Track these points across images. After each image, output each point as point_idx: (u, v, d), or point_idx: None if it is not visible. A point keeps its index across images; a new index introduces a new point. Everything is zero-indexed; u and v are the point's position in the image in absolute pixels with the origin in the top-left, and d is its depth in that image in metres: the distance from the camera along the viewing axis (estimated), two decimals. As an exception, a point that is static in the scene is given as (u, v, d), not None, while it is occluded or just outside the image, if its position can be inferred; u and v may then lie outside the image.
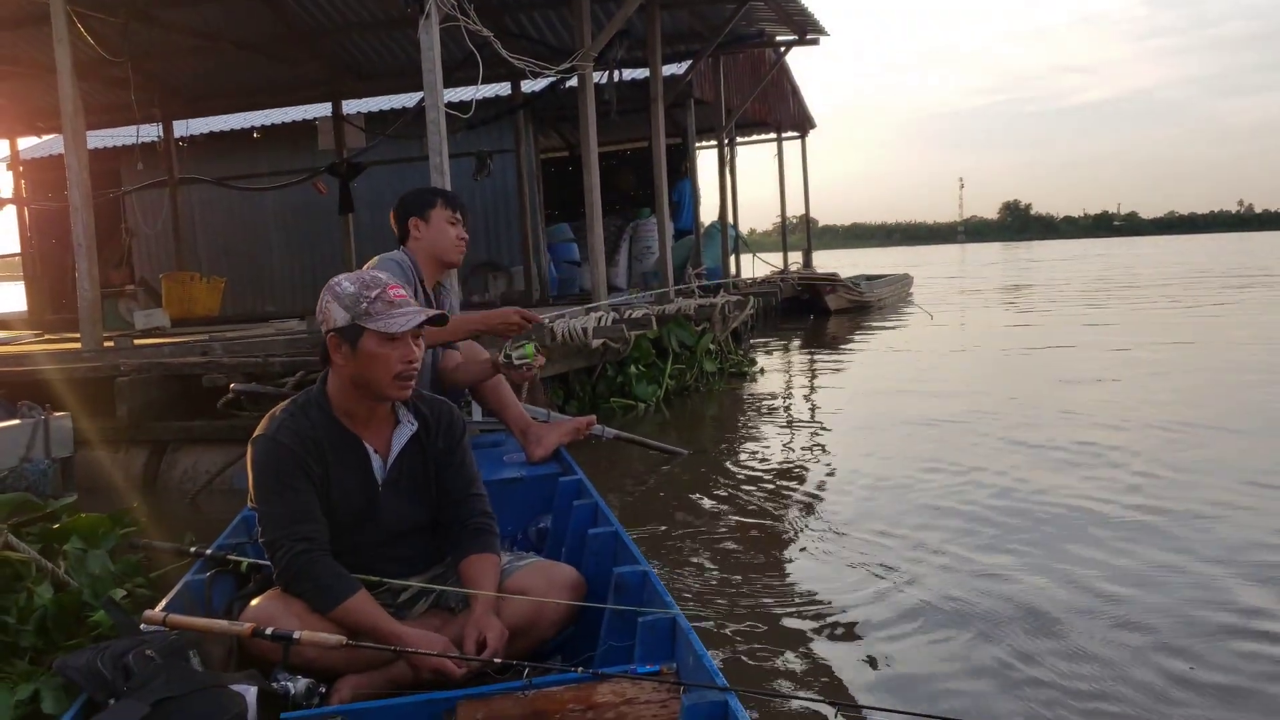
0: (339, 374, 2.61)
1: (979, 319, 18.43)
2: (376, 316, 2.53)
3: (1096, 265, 41.16)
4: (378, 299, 2.54)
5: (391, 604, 2.68)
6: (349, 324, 2.53)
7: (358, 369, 2.55)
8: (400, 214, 3.91)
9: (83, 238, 7.05)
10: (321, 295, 2.62)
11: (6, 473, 4.09)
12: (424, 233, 3.86)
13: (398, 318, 2.54)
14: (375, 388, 2.58)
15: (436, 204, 3.88)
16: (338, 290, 2.58)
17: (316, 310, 2.64)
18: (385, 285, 2.58)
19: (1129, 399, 8.27)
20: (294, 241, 15.55)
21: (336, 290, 2.58)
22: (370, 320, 2.52)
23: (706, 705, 1.84)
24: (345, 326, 2.54)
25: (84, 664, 2.14)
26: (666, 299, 10.29)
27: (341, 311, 2.55)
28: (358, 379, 2.57)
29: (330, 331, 2.57)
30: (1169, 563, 4.18)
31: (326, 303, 2.59)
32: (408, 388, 2.62)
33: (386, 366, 2.55)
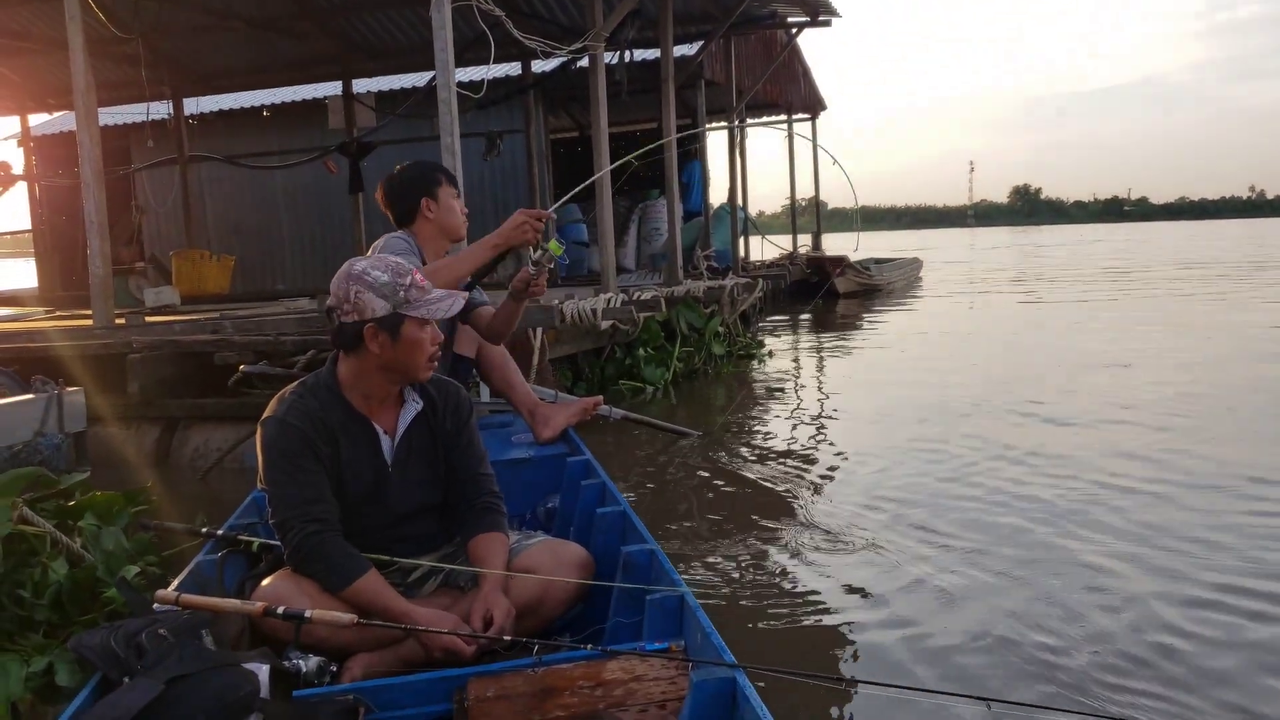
0: (366, 361, 2.59)
1: (987, 303, 18.39)
2: (416, 303, 2.54)
3: (1104, 249, 41.00)
4: (412, 285, 2.56)
5: (401, 583, 2.70)
6: (390, 313, 2.52)
7: (395, 355, 2.56)
8: (403, 194, 3.83)
9: (94, 215, 7.07)
10: (345, 285, 2.56)
11: (20, 447, 4.12)
12: (436, 212, 3.83)
13: (436, 303, 2.57)
14: (410, 371, 2.61)
15: (443, 182, 3.85)
16: (370, 280, 2.54)
17: (339, 299, 2.57)
18: (410, 270, 2.60)
19: (1140, 381, 8.27)
20: (303, 220, 15.57)
21: (369, 280, 2.54)
22: (411, 308, 2.53)
23: (715, 681, 1.86)
24: (386, 316, 2.52)
25: (98, 643, 2.16)
26: (675, 281, 10.29)
27: (381, 301, 2.52)
28: (392, 364, 2.58)
29: (368, 322, 2.54)
30: (1171, 536, 4.21)
31: (358, 293, 2.54)
32: (434, 367, 2.66)
33: (422, 350, 2.58)
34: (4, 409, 4.19)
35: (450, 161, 6.11)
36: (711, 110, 15.10)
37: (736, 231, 15.03)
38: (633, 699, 2.04)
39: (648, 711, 1.99)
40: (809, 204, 23.76)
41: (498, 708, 2.05)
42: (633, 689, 2.08)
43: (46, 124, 16.70)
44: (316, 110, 14.06)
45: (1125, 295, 18.26)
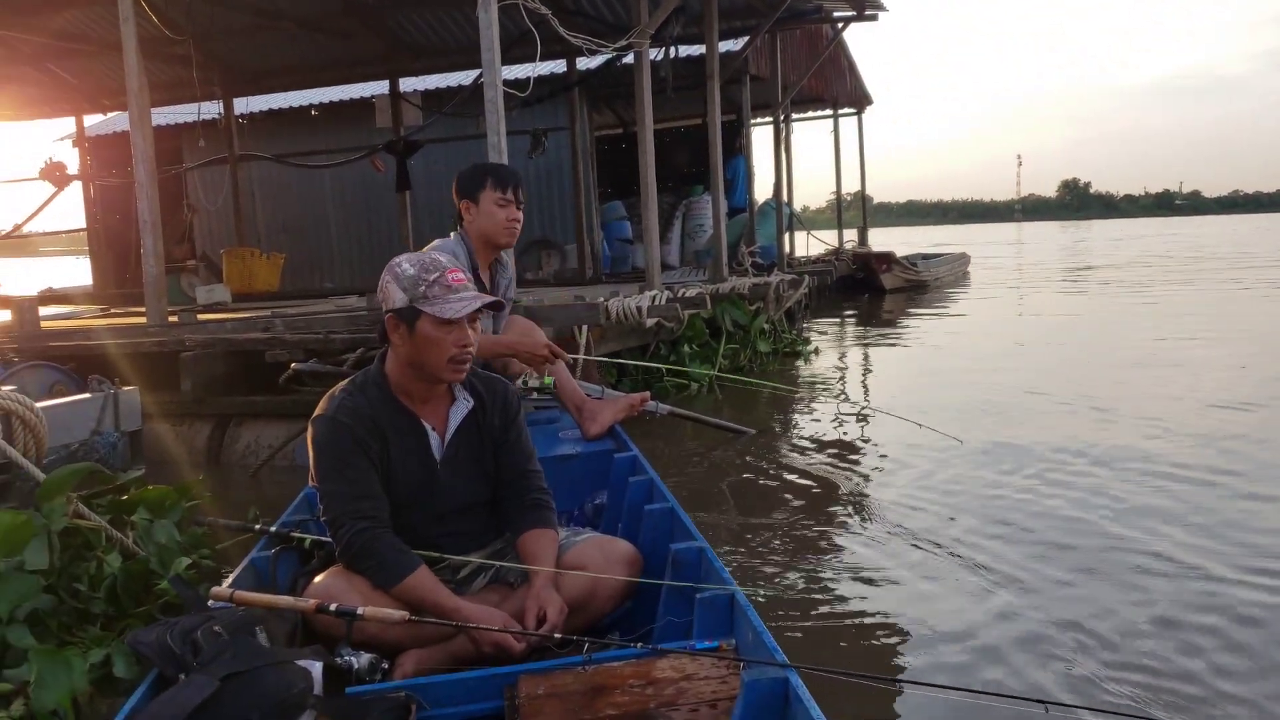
0: (396, 354, 2.63)
1: (1035, 298, 18.15)
2: (433, 300, 2.54)
3: (1158, 245, 40.31)
4: (436, 282, 2.56)
5: (451, 580, 2.70)
6: (406, 306, 2.55)
7: (414, 350, 2.58)
8: (456, 195, 3.89)
9: (148, 214, 7.17)
10: (383, 274, 2.64)
11: (77, 445, 4.19)
12: (474, 215, 3.83)
13: (453, 303, 2.55)
14: (430, 370, 2.61)
15: (486, 185, 3.81)
16: (397, 271, 2.60)
17: (378, 289, 2.66)
18: (445, 269, 2.59)
19: (1191, 381, 8.12)
20: (351, 218, 15.71)
21: (396, 271, 2.60)
22: (427, 304, 2.54)
23: (767, 682, 1.84)
24: (403, 308, 2.56)
25: (154, 639, 2.18)
26: (720, 277, 10.25)
27: (400, 293, 2.56)
28: (414, 360, 2.60)
29: (389, 312, 2.59)
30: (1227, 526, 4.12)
31: (386, 283, 2.61)
32: (462, 371, 2.64)
33: (441, 349, 2.57)
34: (62, 408, 4.27)
35: (496, 158, 6.13)
36: (756, 105, 15.01)
37: (781, 227, 14.96)
38: (683, 698, 2.03)
39: (699, 711, 1.98)
40: (854, 199, 23.58)
41: (549, 705, 2.05)
42: (683, 688, 2.07)
43: (101, 124, 16.99)
44: (364, 109, 14.18)
45: (1172, 288, 17.96)
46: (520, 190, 3.87)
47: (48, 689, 2.40)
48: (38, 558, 3.02)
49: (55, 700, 2.40)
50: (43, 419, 3.68)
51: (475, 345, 2.65)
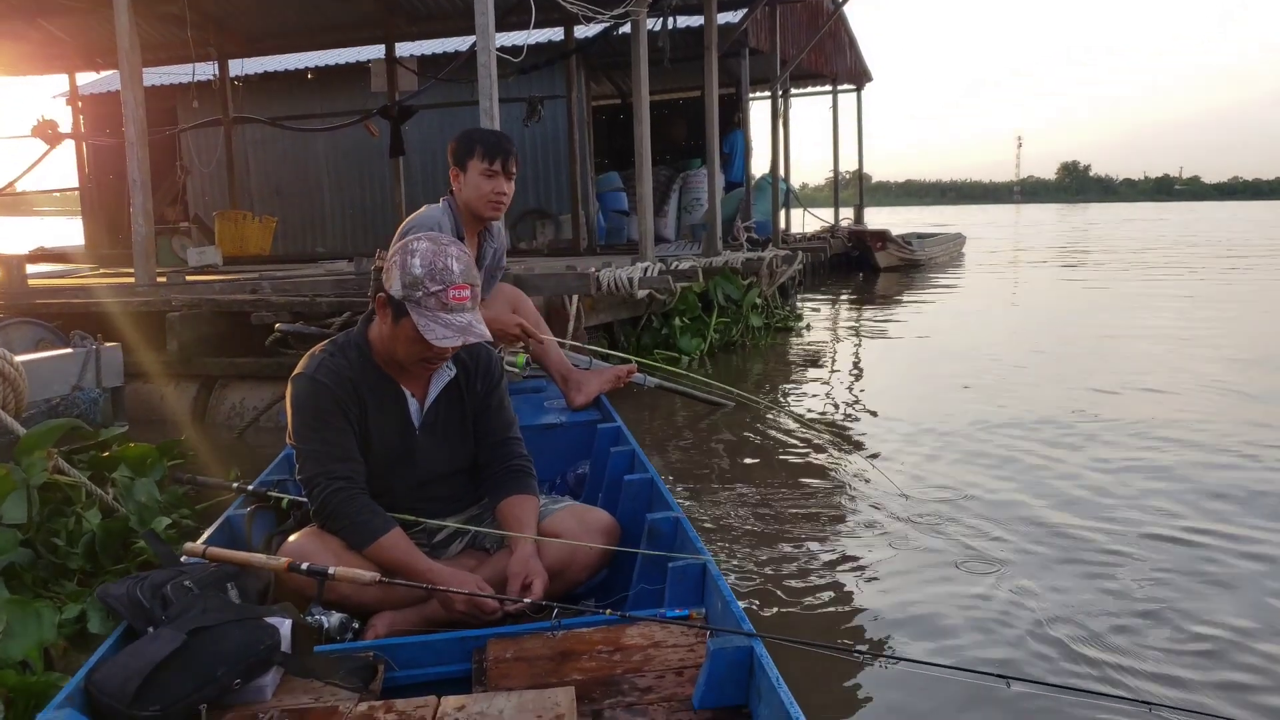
0: (380, 327, 2.59)
1: (1029, 279, 18.16)
2: (423, 311, 2.45)
3: (1151, 228, 40.33)
4: (434, 295, 2.45)
5: (427, 544, 2.70)
6: (399, 299, 2.48)
7: (392, 337, 2.54)
8: (451, 161, 3.76)
9: (138, 174, 7.13)
10: (397, 245, 2.56)
11: (58, 400, 4.18)
12: (461, 184, 3.70)
13: (439, 328, 2.45)
14: (400, 360, 2.58)
15: (475, 154, 3.66)
16: (408, 260, 2.48)
17: (386, 254, 2.58)
18: (450, 285, 2.46)
19: (1178, 363, 8.15)
20: (345, 183, 15.63)
21: (407, 260, 2.49)
22: (415, 310, 2.46)
23: (732, 650, 1.84)
24: (395, 299, 2.49)
25: (124, 592, 2.18)
26: (714, 251, 10.24)
27: (399, 284, 2.48)
28: (391, 344, 2.56)
29: (381, 292, 2.53)
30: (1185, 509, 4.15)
31: (394, 260, 2.51)
32: (430, 371, 2.62)
33: (414, 351, 2.52)
34: (43, 363, 4.25)
35: (489, 125, 6.10)
36: (755, 79, 14.94)
37: (778, 203, 14.92)
38: (650, 665, 2.04)
39: (664, 678, 1.98)
40: (852, 177, 23.53)
41: (516, 669, 2.06)
42: (651, 655, 2.08)
43: (94, 83, 16.84)
44: (359, 73, 14.08)
45: (1167, 273, 17.98)
46: (511, 161, 3.70)
47: (16, 639, 2.40)
48: (16, 511, 3.02)
49: (23, 651, 2.40)
50: (23, 373, 3.67)
51: (449, 358, 2.62)
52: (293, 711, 1.87)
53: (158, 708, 1.86)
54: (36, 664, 2.41)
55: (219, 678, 1.93)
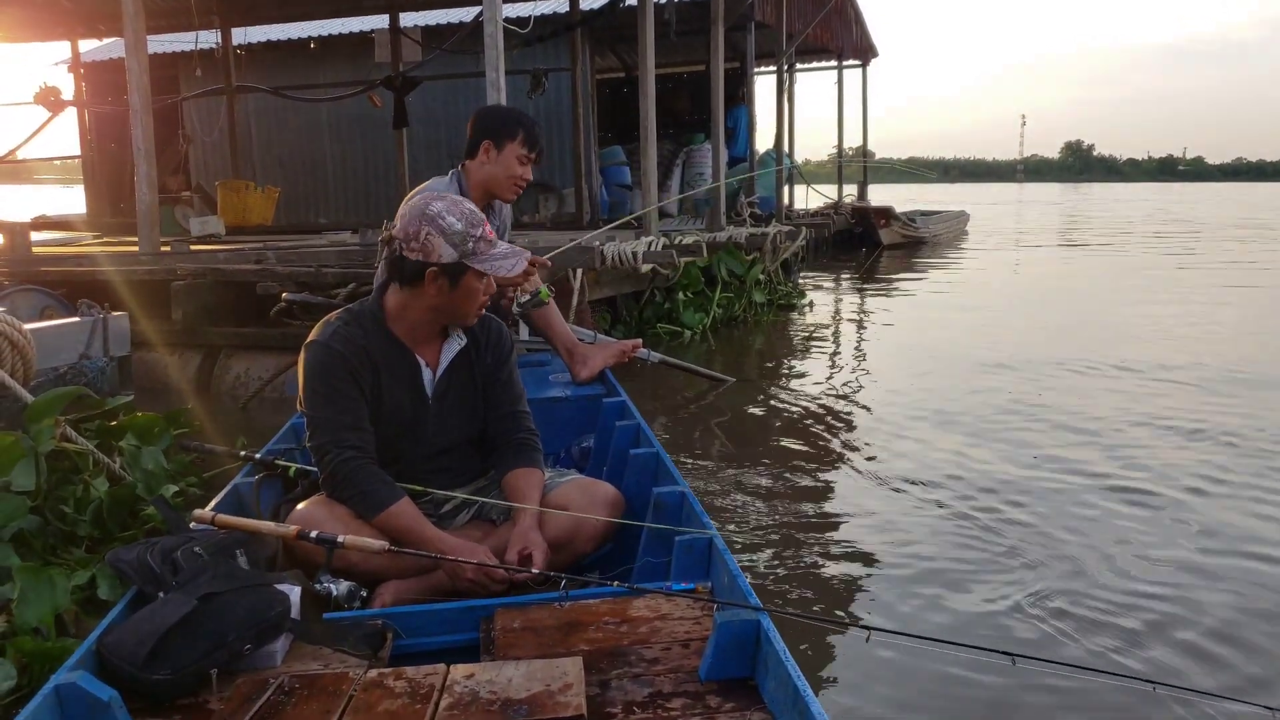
0: (420, 299, 2.58)
1: (1031, 258, 18.14)
2: (482, 257, 2.51)
3: (1150, 208, 40.27)
4: (481, 238, 2.52)
5: (434, 514, 2.71)
6: (455, 262, 2.50)
7: (450, 301, 2.55)
8: (478, 128, 3.67)
9: (142, 141, 7.12)
10: (418, 223, 2.52)
11: (65, 368, 4.19)
12: (489, 159, 3.63)
13: (502, 261, 2.53)
14: (460, 317, 2.61)
15: (517, 137, 3.60)
16: (443, 225, 2.50)
17: (408, 235, 2.53)
18: (483, 221, 2.55)
19: (1175, 344, 8.16)
20: (348, 154, 15.58)
21: (441, 225, 2.50)
22: (476, 260, 2.50)
23: (739, 623, 1.86)
24: (451, 264, 2.50)
25: (134, 558, 2.19)
26: (718, 226, 10.22)
27: (449, 249, 2.49)
28: (444, 308, 2.57)
29: (432, 265, 2.51)
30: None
31: (429, 235, 2.50)
32: (481, 314, 2.66)
33: (475, 300, 2.57)
34: (51, 331, 4.26)
35: (495, 97, 6.08)
36: (761, 54, 14.85)
37: (782, 179, 14.87)
38: (657, 637, 2.05)
39: (671, 649, 2.00)
40: (856, 153, 23.43)
41: (523, 638, 2.07)
42: (657, 627, 2.09)
43: (96, 50, 16.75)
44: (363, 43, 13.99)
45: (1162, 252, 17.98)
46: (541, 155, 3.70)
47: (30, 605, 2.42)
48: (24, 479, 3.04)
49: (38, 617, 2.42)
50: (31, 341, 3.67)
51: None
52: (302, 677, 1.89)
53: (169, 671, 1.88)
54: (50, 629, 2.44)
55: (229, 643, 1.95)
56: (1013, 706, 2.67)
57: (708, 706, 1.78)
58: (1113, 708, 2.65)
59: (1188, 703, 2.58)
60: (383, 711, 1.73)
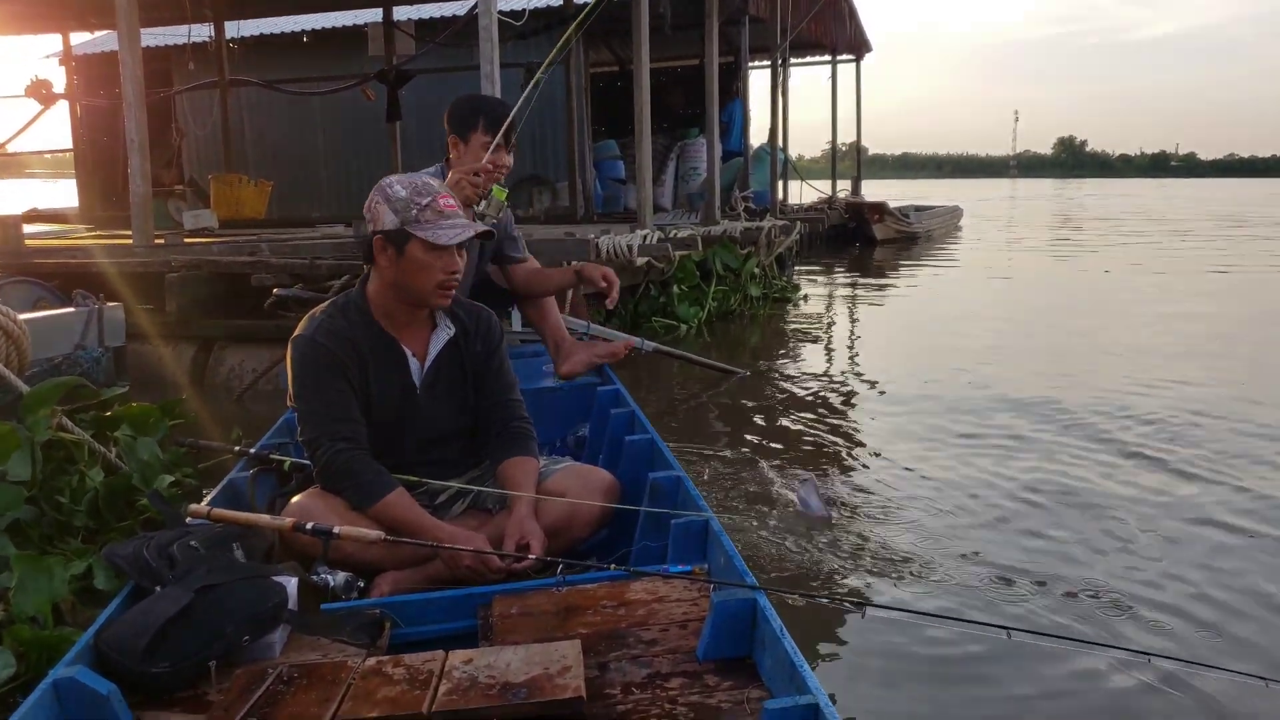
0: (382, 276, 2.61)
1: (1024, 253, 18.17)
2: (425, 225, 2.51)
3: (1142, 204, 40.42)
4: (428, 207, 2.52)
5: (429, 505, 2.71)
6: (397, 229, 2.52)
7: (401, 274, 2.56)
8: (448, 126, 3.63)
9: (135, 133, 7.10)
10: (372, 194, 2.60)
11: (60, 359, 4.18)
12: (460, 154, 3.57)
13: (445, 229, 2.52)
14: (417, 294, 2.59)
15: (478, 125, 3.51)
16: (389, 192, 2.56)
17: (365, 209, 2.62)
18: (437, 194, 2.56)
19: (1162, 340, 8.20)
20: (341, 148, 15.52)
21: (388, 192, 2.56)
22: (419, 228, 2.51)
23: (736, 602, 1.87)
24: (393, 231, 2.52)
25: (130, 553, 2.20)
26: (713, 220, 10.23)
27: (391, 215, 2.53)
28: (400, 284, 2.58)
29: (377, 233, 2.56)
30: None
31: (376, 203, 2.57)
32: (448, 297, 2.63)
33: (430, 275, 2.55)
34: (45, 321, 4.25)
35: (490, 90, 6.07)
36: (755, 48, 14.84)
37: (776, 173, 14.87)
38: (654, 619, 2.06)
39: (669, 630, 2.01)
40: (849, 149, 23.44)
41: (522, 624, 2.08)
42: (655, 609, 2.10)
43: (87, 44, 16.67)
44: (356, 37, 13.93)
45: (1154, 248, 18.04)
46: (513, 132, 3.62)
47: (28, 594, 2.42)
48: (20, 469, 3.03)
49: (35, 606, 2.42)
50: (26, 331, 3.66)
51: (462, 272, 2.64)
52: (301, 667, 1.90)
53: (168, 664, 1.89)
54: (47, 619, 2.44)
55: (227, 634, 1.96)
56: (1009, 681, 2.68)
57: (706, 685, 1.79)
58: (1109, 680, 2.67)
59: (1183, 672, 2.60)
60: (382, 698, 1.74)
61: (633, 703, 1.75)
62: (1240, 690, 2.54)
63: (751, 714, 1.67)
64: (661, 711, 1.71)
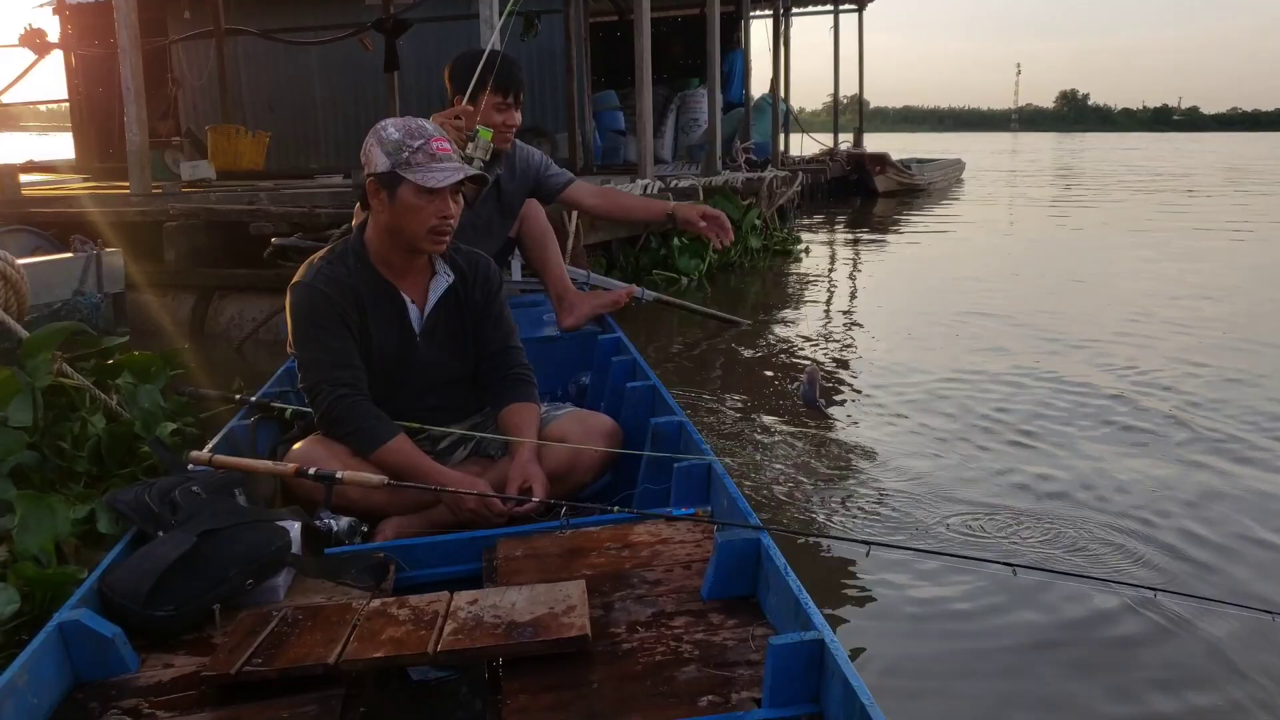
0: (376, 220, 2.59)
1: (1026, 207, 18.10)
2: (416, 167, 2.48)
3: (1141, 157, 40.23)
4: (420, 149, 2.49)
5: (431, 451, 2.70)
6: (388, 171, 2.49)
7: (393, 218, 2.53)
8: (449, 82, 3.55)
9: (130, 82, 7.02)
10: (367, 137, 2.57)
11: (59, 304, 4.16)
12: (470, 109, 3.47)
13: (436, 172, 2.49)
14: (409, 239, 2.56)
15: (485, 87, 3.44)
16: (382, 135, 2.53)
17: (361, 152, 2.59)
18: (430, 137, 2.51)
19: (1155, 289, 8.19)
20: (338, 98, 15.36)
21: (381, 134, 2.53)
22: (409, 170, 2.48)
23: (740, 542, 1.87)
24: (385, 173, 2.50)
25: (132, 498, 2.20)
26: (713, 171, 10.16)
27: (383, 157, 2.50)
28: (392, 227, 2.55)
29: (370, 176, 2.54)
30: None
31: (370, 146, 2.54)
32: (442, 243, 2.60)
33: (421, 219, 2.52)
34: (44, 266, 4.22)
35: (489, 37, 6.00)
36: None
37: (777, 124, 14.75)
38: (658, 560, 2.07)
39: (673, 571, 2.02)
40: (851, 101, 23.23)
41: (526, 566, 2.09)
42: (659, 551, 2.11)
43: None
44: (353, -15, 13.77)
45: (1152, 201, 17.98)
46: (522, 91, 3.57)
47: (31, 533, 2.42)
48: (22, 414, 3.02)
49: (38, 544, 2.42)
50: (24, 275, 3.64)
51: (457, 217, 2.61)
52: (306, 609, 1.90)
53: (172, 608, 1.89)
54: (51, 558, 2.44)
55: (231, 578, 1.96)
56: (1015, 617, 2.70)
57: (710, 624, 1.80)
58: (1114, 617, 2.69)
59: (1188, 608, 2.62)
60: (387, 639, 1.74)
61: (638, 641, 1.76)
62: (1245, 625, 2.55)
63: (757, 650, 1.68)
64: (667, 649, 1.72)
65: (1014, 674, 2.46)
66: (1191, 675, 2.43)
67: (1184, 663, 2.47)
